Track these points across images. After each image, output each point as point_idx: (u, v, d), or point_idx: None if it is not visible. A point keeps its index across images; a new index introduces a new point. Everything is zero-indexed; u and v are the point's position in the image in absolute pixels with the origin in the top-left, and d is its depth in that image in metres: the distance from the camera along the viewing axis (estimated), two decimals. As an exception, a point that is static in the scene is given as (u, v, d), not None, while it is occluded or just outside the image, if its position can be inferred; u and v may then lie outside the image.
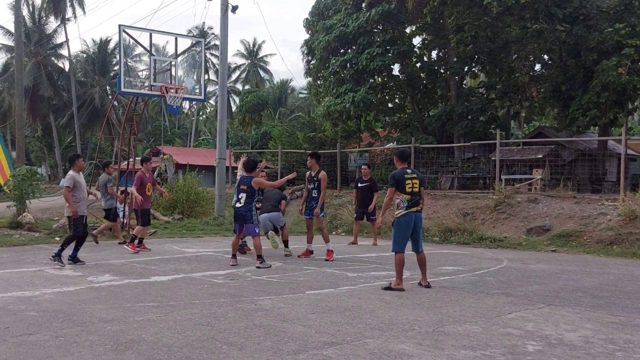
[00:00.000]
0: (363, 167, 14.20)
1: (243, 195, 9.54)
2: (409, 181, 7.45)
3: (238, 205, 9.57)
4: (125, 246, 11.35)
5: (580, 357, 4.63)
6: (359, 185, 13.73)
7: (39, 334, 5.05)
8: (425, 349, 4.74)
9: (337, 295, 7.01)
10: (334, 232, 16.56)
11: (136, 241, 11.35)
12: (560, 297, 7.15)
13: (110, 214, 12.78)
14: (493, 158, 18.65)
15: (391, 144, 24.76)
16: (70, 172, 9.63)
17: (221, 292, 7.11)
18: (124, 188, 14.73)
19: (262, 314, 5.92)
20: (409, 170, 7.59)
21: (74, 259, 9.47)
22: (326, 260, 10.39)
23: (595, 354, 4.72)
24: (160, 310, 6.01)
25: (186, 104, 62.53)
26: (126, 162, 15.81)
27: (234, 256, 9.75)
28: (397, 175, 7.50)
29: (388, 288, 7.41)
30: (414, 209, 7.45)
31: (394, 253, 7.55)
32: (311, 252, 10.93)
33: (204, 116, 69.47)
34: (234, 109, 56.34)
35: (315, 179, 10.63)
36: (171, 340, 4.88)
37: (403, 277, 7.56)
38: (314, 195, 10.68)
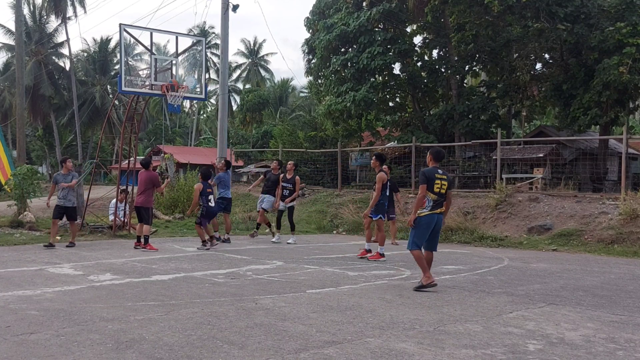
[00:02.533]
0: (384, 167, 13.84)
1: (212, 197, 11.71)
2: (438, 181, 7.29)
3: (211, 204, 11.64)
4: (142, 249, 11.31)
5: (581, 356, 4.62)
6: None
7: (40, 333, 5.05)
8: (426, 348, 4.74)
9: (338, 294, 7.01)
10: (334, 232, 16.57)
11: (142, 240, 11.47)
12: (561, 296, 7.15)
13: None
14: (494, 157, 18.64)
15: (392, 143, 24.76)
16: None
17: (222, 291, 7.11)
18: (124, 187, 14.74)
19: (263, 313, 5.91)
20: (440, 171, 7.42)
21: None
22: (358, 256, 10.49)
23: (596, 353, 4.71)
24: (161, 309, 6.01)
25: (187, 103, 62.65)
26: (127, 161, 15.81)
27: (212, 237, 11.52)
28: (427, 172, 7.34)
29: (420, 288, 7.26)
30: (438, 210, 7.31)
31: (409, 251, 7.43)
32: (382, 255, 10.42)
33: (204, 115, 69.51)
34: (234, 108, 56.36)
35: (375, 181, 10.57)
36: (172, 339, 4.88)
37: (404, 276, 7.55)
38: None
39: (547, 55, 21.80)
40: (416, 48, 24.47)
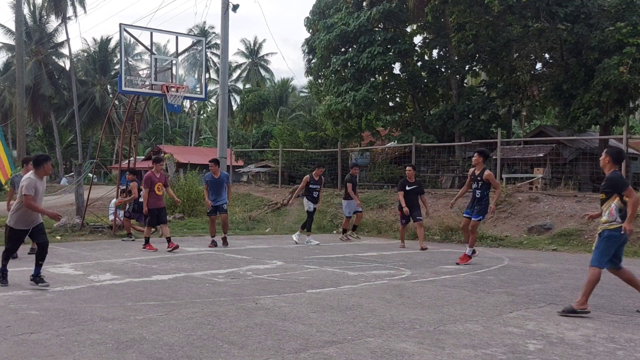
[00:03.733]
0: (408, 168, 13.23)
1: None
2: None
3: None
4: (143, 249, 11.32)
5: (581, 356, 4.63)
6: (407, 188, 12.72)
7: (40, 332, 5.05)
8: (426, 347, 4.74)
9: (338, 294, 7.01)
10: (334, 232, 16.55)
11: (170, 241, 11.41)
12: (561, 296, 7.15)
13: None
14: (494, 157, 18.64)
15: (392, 143, 24.76)
16: (32, 176, 7.39)
17: (222, 291, 7.11)
18: (124, 187, 14.74)
19: (263, 312, 5.92)
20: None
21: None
22: (457, 264, 9.92)
23: (596, 352, 4.71)
24: (162, 309, 6.02)
25: (187, 103, 62.68)
26: (127, 161, 15.81)
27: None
28: (622, 178, 6.35)
29: (569, 312, 6.11)
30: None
31: (592, 267, 6.42)
32: (470, 256, 10.11)
33: (204, 115, 69.52)
34: (234, 107, 56.37)
35: (479, 178, 9.93)
36: (172, 339, 4.88)
37: (404, 276, 7.54)
38: (477, 195, 9.90)
39: (547, 55, 21.80)
40: (416, 48, 24.45)
